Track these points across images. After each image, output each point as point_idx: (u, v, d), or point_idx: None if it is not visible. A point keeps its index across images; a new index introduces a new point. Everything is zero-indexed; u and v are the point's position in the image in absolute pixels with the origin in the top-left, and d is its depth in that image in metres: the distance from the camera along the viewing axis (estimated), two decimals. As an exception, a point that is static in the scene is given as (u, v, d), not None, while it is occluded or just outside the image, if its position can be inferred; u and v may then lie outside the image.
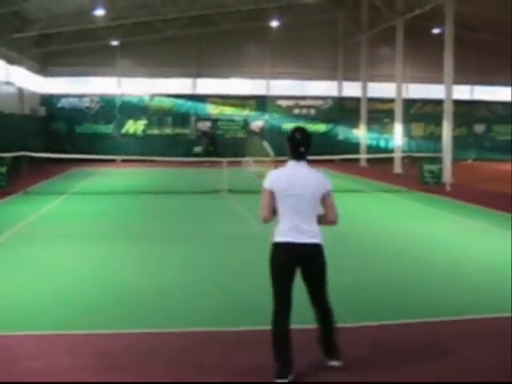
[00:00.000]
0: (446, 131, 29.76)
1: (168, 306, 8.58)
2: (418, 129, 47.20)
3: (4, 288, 9.52)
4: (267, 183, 6.03)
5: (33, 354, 6.75)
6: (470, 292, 9.42)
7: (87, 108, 44.66)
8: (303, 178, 6.00)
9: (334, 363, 6.27)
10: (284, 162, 6.40)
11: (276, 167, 6.53)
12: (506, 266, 10.93)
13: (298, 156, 6.08)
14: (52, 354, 6.76)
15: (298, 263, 6.03)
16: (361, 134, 43.24)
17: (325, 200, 6.07)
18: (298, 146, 6.06)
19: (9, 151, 25.53)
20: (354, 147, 42.90)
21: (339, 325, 6.41)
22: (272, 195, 6.01)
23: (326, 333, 6.28)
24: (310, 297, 6.25)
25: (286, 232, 5.98)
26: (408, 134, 44.38)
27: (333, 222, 6.20)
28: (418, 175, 26.77)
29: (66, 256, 11.88)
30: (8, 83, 34.82)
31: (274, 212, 6.11)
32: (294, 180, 5.95)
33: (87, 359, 6.59)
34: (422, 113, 47.05)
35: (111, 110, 44.78)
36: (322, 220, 6.14)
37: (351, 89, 45.49)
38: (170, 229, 15.51)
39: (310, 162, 6.07)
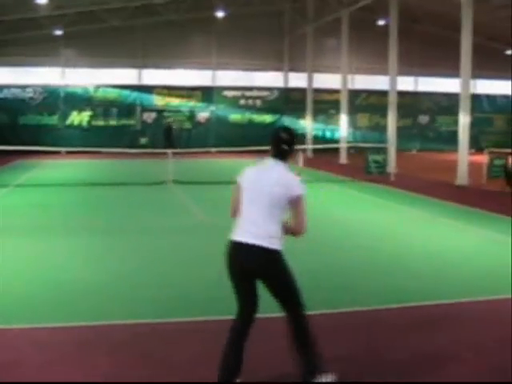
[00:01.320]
0: (391, 122, 30.14)
1: (109, 299, 8.49)
2: (363, 119, 47.63)
3: None
4: (239, 175, 5.71)
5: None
6: (414, 279, 9.52)
7: (31, 99, 43.93)
8: (272, 176, 5.54)
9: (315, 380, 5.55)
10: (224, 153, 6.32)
11: None
12: (447, 254, 11.12)
13: (278, 153, 5.62)
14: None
15: (241, 265, 5.51)
16: (307, 124, 43.46)
17: (294, 207, 5.56)
18: (281, 143, 5.62)
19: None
20: (300, 138, 43.07)
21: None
22: (239, 190, 5.66)
23: (298, 346, 5.60)
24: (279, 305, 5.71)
25: (238, 229, 5.59)
26: (353, 124, 44.74)
27: (296, 232, 5.69)
28: (363, 165, 27.04)
29: (4, 249, 11.66)
30: None
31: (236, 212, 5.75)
32: (262, 176, 5.56)
33: (25, 354, 6.48)
34: (368, 104, 47.47)
35: (55, 100, 44.13)
36: (285, 228, 5.65)
37: (297, 80, 45.66)
38: (114, 221, 15.37)
39: (255, 152, 6.00)
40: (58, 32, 41.45)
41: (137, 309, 8.05)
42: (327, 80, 44.68)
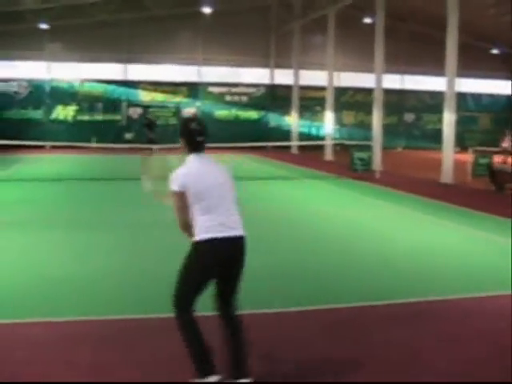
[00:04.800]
0: (376, 119, 30.21)
1: (94, 294, 8.46)
2: (348, 117, 47.71)
3: None
4: (176, 185, 5.35)
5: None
6: (397, 276, 9.56)
7: (15, 93, 43.74)
8: (214, 168, 5.58)
9: (245, 381, 5.38)
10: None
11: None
12: (431, 251, 11.15)
13: (198, 147, 5.52)
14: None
15: (223, 261, 5.41)
16: (292, 121, 43.51)
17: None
18: (196, 135, 5.51)
19: None
20: (285, 134, 43.21)
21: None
22: (184, 196, 5.36)
23: (235, 348, 5.46)
24: (220, 303, 5.57)
25: (209, 227, 5.35)
26: (339, 121, 44.80)
27: None
28: (348, 162, 27.08)
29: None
30: None
31: (188, 224, 5.51)
32: (207, 173, 5.47)
33: (9, 349, 6.45)
34: (353, 101, 47.56)
35: (40, 95, 43.98)
36: None
37: (283, 76, 45.65)
38: (99, 216, 15.28)
39: (240, 148, 5.91)
40: (44, 26, 41.28)
41: (122, 304, 8.03)
42: (313, 77, 44.67)
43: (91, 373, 5.83)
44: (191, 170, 5.44)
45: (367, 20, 40.40)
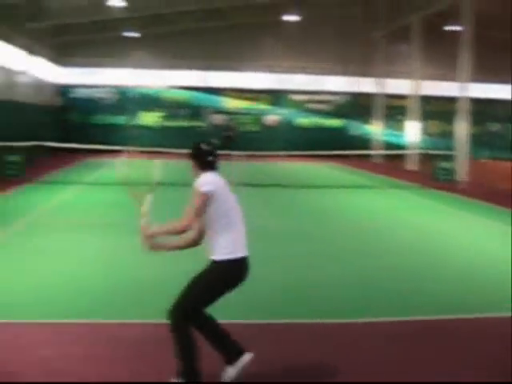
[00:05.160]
0: (461, 129, 29.69)
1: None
2: (432, 126, 46.98)
3: (17, 277, 9.59)
4: (207, 187, 5.49)
5: (45, 342, 6.81)
6: (483, 290, 9.38)
7: (102, 99, 44.82)
8: (228, 188, 5.74)
9: (247, 357, 5.70)
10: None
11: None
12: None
13: (210, 166, 5.75)
14: (64, 342, 6.83)
15: (240, 280, 5.63)
16: (375, 130, 43.20)
17: None
18: (207, 155, 5.76)
19: (24, 140, 25.67)
20: (367, 143, 42.90)
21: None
22: (208, 201, 5.49)
23: (223, 338, 5.73)
24: (204, 310, 5.71)
25: (238, 245, 5.57)
26: (422, 130, 44.12)
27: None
28: (430, 172, 26.74)
29: (78, 246, 11.95)
30: (25, 73, 34.95)
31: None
32: (227, 190, 5.67)
33: (97, 348, 6.65)
34: (437, 110, 46.81)
35: (126, 101, 44.96)
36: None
37: (366, 85, 45.32)
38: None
39: (322, 156, 5.96)
40: (131, 34, 42.17)
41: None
42: (396, 85, 44.21)
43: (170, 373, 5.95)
44: (218, 182, 5.62)
45: (452, 28, 39.80)
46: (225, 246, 5.50)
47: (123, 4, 33.94)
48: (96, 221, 15.02)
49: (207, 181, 5.54)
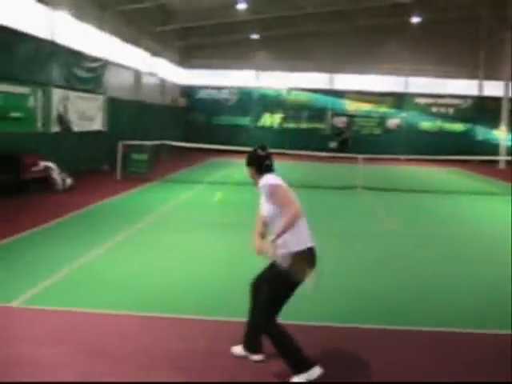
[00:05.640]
0: None
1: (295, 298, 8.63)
2: None
3: (143, 271, 9.86)
4: (279, 182, 5.89)
5: (171, 336, 6.97)
6: None
7: (225, 100, 45.57)
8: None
9: (256, 357, 6.27)
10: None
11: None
12: None
13: (267, 170, 6.01)
14: (189, 337, 6.96)
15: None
16: (501, 135, 41.93)
17: None
18: (264, 159, 6.02)
19: (150, 140, 26.37)
20: (493, 148, 41.66)
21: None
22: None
23: (251, 328, 6.29)
24: (254, 292, 6.34)
25: (306, 236, 5.91)
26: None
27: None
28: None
29: (203, 243, 12.20)
30: (151, 74, 35.97)
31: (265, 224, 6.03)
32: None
33: (221, 345, 6.73)
34: None
35: (248, 102, 45.53)
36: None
37: (492, 88, 44.13)
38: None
39: (445, 161, 5.84)
40: (254, 36, 42.64)
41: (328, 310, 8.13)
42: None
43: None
44: (280, 181, 5.93)
45: None
46: (295, 238, 5.79)
47: (246, 6, 34.43)
48: (217, 220, 15.23)
49: (272, 178, 5.89)
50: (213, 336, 7.04)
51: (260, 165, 5.98)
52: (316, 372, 5.71)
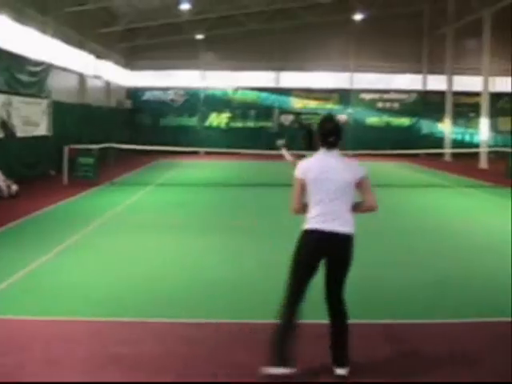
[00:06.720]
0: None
1: (246, 298, 8.66)
2: (504, 123, 45.95)
3: (90, 276, 9.80)
4: (298, 172, 5.91)
5: (121, 340, 6.95)
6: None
7: (171, 101, 45.42)
8: (335, 164, 5.85)
9: (341, 372, 5.90)
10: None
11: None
12: None
13: (329, 144, 5.93)
14: (138, 340, 6.95)
15: (324, 253, 5.82)
16: (445, 128, 42.59)
17: (361, 186, 5.90)
18: (328, 135, 5.92)
19: (96, 143, 26.14)
20: (438, 142, 42.33)
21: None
22: (303, 185, 5.87)
23: (336, 336, 5.95)
24: (325, 292, 5.98)
25: (315, 219, 5.80)
26: (494, 128, 43.28)
27: (372, 208, 5.98)
28: (504, 170, 26.21)
29: (153, 245, 12.19)
30: (96, 77, 35.65)
31: (304, 207, 5.97)
32: (325, 166, 5.83)
33: (172, 347, 6.75)
34: (509, 107, 45.84)
35: (195, 102, 45.45)
36: (359, 207, 5.94)
37: (436, 82, 44.80)
38: (249, 221, 15.57)
39: (391, 155, 5.96)
40: (199, 36, 42.60)
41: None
42: (467, 82, 43.59)
43: (246, 372, 6.00)
44: (311, 163, 5.91)
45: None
46: (308, 217, 5.93)
47: (190, 7, 34.37)
48: (167, 222, 15.22)
49: (300, 165, 6.02)
50: (160, 338, 7.04)
51: (322, 138, 6.00)
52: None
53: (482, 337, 7.21)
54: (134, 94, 45.07)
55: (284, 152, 10.09)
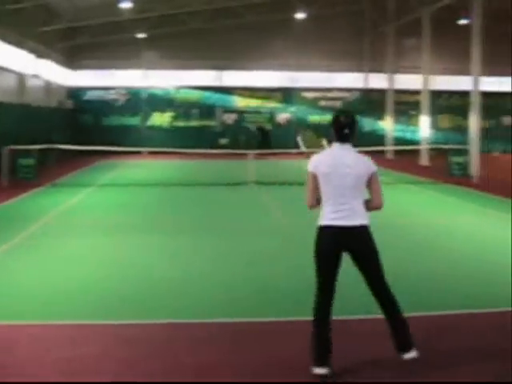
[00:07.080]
0: (473, 123, 29.54)
1: (193, 297, 8.62)
2: (444, 121, 46.78)
3: (32, 279, 9.62)
4: (311, 166, 5.93)
5: (63, 343, 6.84)
6: (499, 286, 9.22)
7: (114, 100, 45.02)
8: (348, 158, 5.89)
9: (409, 355, 5.94)
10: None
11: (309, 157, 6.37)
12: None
13: (342, 138, 5.97)
14: (80, 343, 6.84)
15: (345, 248, 5.87)
16: (387, 125, 43.09)
17: (371, 183, 5.97)
18: (342, 128, 5.97)
19: (36, 144, 25.75)
20: (379, 139, 42.73)
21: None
22: (316, 178, 5.89)
23: (393, 324, 5.99)
24: (368, 286, 6.04)
25: (331, 215, 5.84)
26: (434, 125, 43.89)
27: (378, 207, 6.10)
28: (444, 167, 26.63)
29: (92, 247, 12.02)
30: (35, 76, 35.07)
31: (318, 201, 6.00)
32: (338, 160, 5.85)
33: (113, 349, 6.68)
34: (449, 104, 46.64)
35: (137, 102, 45.15)
36: (366, 205, 6.01)
37: (377, 80, 45.29)
38: (194, 220, 15.52)
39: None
40: (141, 35, 42.32)
41: (216, 307, 8.17)
42: (408, 81, 44.18)
43: (193, 373, 5.97)
44: (323, 157, 5.96)
45: (463, 21, 39.68)
46: (321, 215, 5.99)
47: (131, 5, 34.08)
48: (108, 222, 15.09)
49: (312, 159, 6.05)
50: (104, 340, 6.96)
51: (337, 131, 6.06)
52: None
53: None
54: (75, 93, 44.49)
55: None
